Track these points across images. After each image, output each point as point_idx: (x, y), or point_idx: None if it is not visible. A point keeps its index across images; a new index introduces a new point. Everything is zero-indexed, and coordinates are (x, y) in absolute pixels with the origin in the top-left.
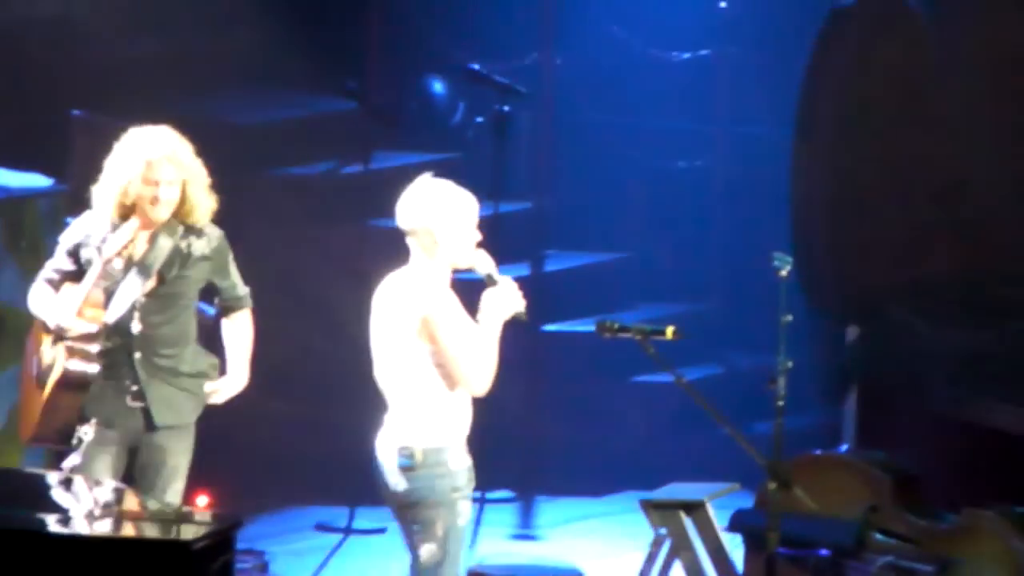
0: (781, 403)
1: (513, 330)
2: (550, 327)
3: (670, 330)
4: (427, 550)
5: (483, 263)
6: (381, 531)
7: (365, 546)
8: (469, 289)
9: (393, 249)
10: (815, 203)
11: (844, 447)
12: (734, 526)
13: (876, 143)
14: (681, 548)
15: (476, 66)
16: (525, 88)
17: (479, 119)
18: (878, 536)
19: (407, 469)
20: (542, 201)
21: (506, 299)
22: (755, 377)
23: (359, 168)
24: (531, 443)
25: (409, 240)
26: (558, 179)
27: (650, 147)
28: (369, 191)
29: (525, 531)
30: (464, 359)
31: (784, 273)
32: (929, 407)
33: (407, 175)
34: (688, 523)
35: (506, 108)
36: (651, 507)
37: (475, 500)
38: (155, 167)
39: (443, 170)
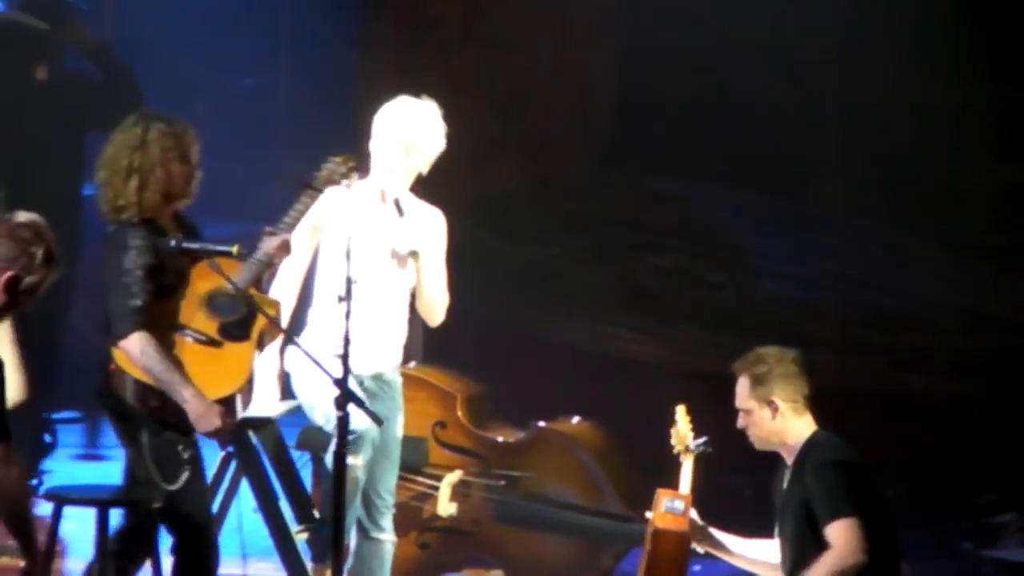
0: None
1: None
2: None
3: (235, 248)
4: None
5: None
6: None
7: None
8: None
9: None
10: None
11: (412, 364)
12: (302, 444)
13: (441, 58)
14: (249, 466)
15: None
16: (86, 5)
17: None
18: (447, 452)
19: None
20: None
21: None
22: None
23: None
24: (96, 363)
25: None
26: None
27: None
28: None
29: (92, 450)
30: None
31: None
32: (498, 321)
33: None
34: (255, 441)
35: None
36: None
37: (43, 421)
38: None
39: None
